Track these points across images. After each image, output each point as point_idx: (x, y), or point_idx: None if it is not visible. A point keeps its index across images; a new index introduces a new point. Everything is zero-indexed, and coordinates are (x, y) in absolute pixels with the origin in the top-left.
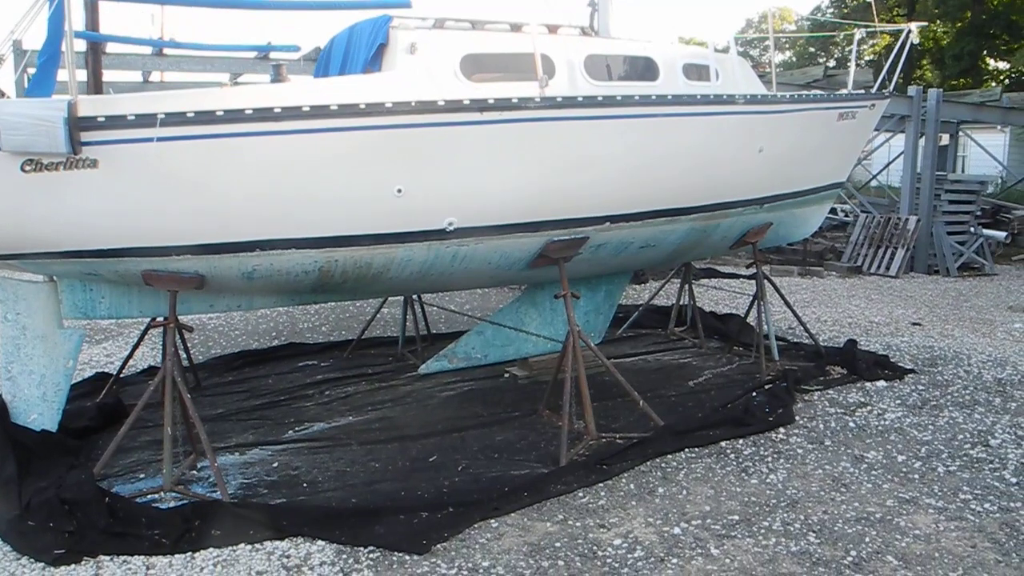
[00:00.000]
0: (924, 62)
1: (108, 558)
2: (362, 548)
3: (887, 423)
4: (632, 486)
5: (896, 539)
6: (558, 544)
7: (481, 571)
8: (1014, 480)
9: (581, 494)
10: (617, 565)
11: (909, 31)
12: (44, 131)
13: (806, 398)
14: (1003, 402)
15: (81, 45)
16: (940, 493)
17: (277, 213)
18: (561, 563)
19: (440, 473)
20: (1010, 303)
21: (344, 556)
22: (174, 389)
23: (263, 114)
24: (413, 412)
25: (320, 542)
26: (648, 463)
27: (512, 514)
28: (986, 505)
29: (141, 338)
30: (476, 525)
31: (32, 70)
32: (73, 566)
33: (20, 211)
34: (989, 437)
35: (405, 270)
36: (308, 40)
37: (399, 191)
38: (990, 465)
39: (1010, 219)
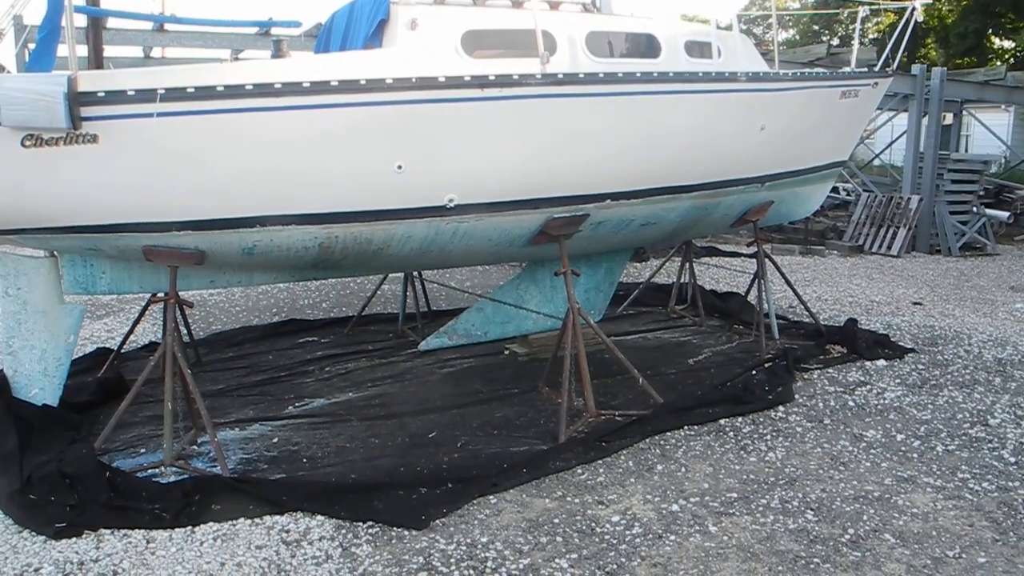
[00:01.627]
0: (929, 41)
1: (109, 531)
2: (361, 523)
3: (886, 402)
4: (631, 463)
5: (894, 517)
6: (556, 520)
7: (480, 547)
8: (1012, 460)
9: (580, 471)
10: (615, 541)
11: (914, 9)
12: (44, 106)
13: (806, 377)
14: (1003, 382)
15: (81, 20)
16: (938, 472)
17: (277, 189)
18: (559, 539)
19: (439, 449)
20: (1012, 283)
21: (343, 531)
22: (175, 364)
23: (263, 90)
24: (413, 389)
25: (319, 517)
26: (647, 440)
27: (511, 490)
28: (984, 484)
29: (142, 314)
30: (475, 501)
31: (32, 45)
32: (74, 539)
33: (20, 186)
34: (988, 417)
35: (405, 246)
36: (309, 16)
37: (399, 167)
38: (989, 444)
39: (1013, 199)
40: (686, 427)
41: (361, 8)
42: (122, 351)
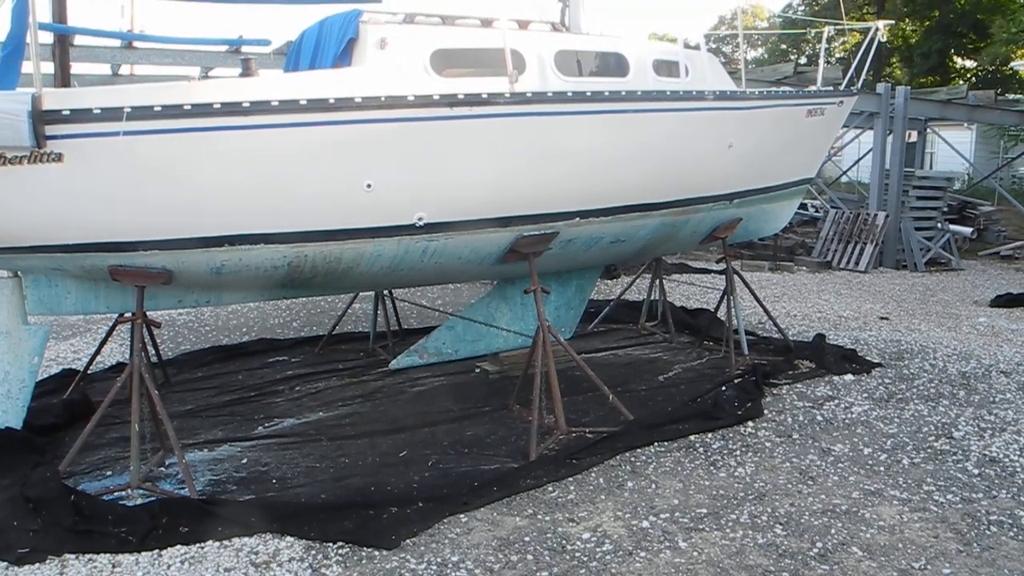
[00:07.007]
0: (893, 60)
1: (73, 556)
2: (331, 544)
3: (854, 416)
4: (601, 480)
5: (861, 530)
6: (527, 538)
7: (450, 566)
8: (976, 472)
9: (551, 488)
10: (586, 559)
11: (877, 29)
12: (8, 124)
13: (775, 392)
14: (967, 395)
15: (47, 37)
16: (904, 485)
17: (246, 208)
18: (530, 557)
19: (410, 468)
20: (975, 297)
21: (313, 552)
22: (142, 385)
23: (231, 108)
24: (383, 407)
25: (289, 538)
26: (617, 457)
27: (481, 509)
28: (949, 496)
29: (109, 334)
30: (445, 520)
31: None
32: (37, 565)
33: None
34: (953, 429)
35: (375, 265)
36: (279, 34)
37: (369, 186)
38: (953, 457)
39: (976, 215)
40: (656, 443)
41: (330, 27)
42: (88, 372)
